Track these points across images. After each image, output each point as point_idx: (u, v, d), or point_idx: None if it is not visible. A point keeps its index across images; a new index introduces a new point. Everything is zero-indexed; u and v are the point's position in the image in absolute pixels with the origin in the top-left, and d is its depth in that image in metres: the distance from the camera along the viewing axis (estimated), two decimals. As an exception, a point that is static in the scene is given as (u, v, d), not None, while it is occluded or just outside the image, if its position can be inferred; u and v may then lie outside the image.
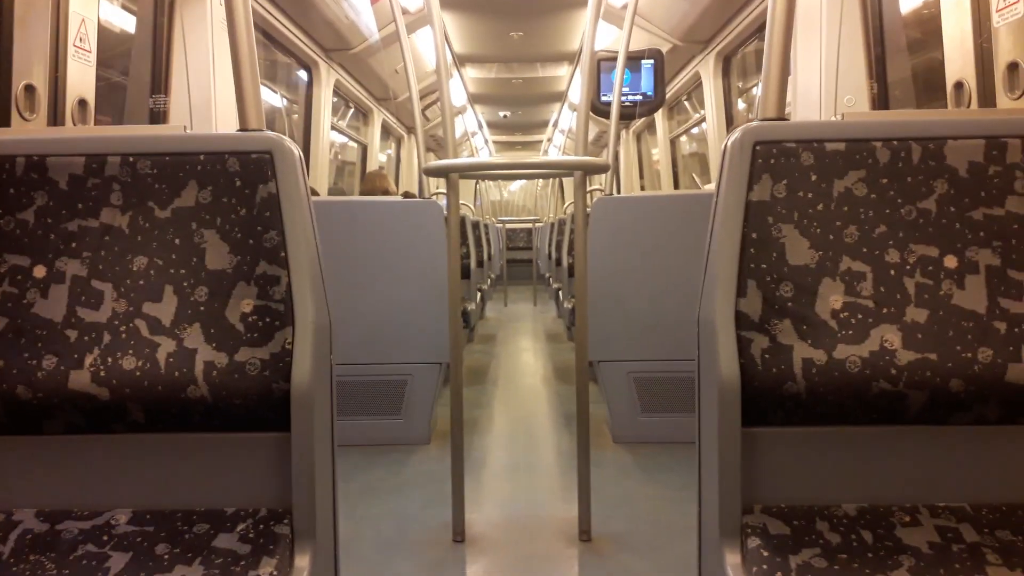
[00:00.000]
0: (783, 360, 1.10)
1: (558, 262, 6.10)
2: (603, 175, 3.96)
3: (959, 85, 2.39)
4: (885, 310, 1.11)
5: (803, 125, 1.19)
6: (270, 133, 1.17)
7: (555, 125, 10.32)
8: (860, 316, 1.10)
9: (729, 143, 1.16)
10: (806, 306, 1.11)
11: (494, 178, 8.15)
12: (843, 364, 1.09)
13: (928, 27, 2.85)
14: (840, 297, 1.11)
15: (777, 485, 1.15)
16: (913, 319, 1.10)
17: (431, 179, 3.56)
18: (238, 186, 1.13)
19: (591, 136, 9.24)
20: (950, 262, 1.11)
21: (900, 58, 2.95)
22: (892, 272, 1.12)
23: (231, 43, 1.19)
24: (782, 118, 1.20)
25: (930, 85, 2.90)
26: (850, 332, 1.10)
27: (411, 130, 8.80)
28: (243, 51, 1.19)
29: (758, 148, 1.15)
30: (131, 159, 1.14)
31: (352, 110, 6.70)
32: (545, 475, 2.71)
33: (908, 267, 1.12)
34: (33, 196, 1.13)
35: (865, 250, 1.13)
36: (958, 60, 2.42)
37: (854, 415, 1.11)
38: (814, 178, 1.14)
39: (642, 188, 8.39)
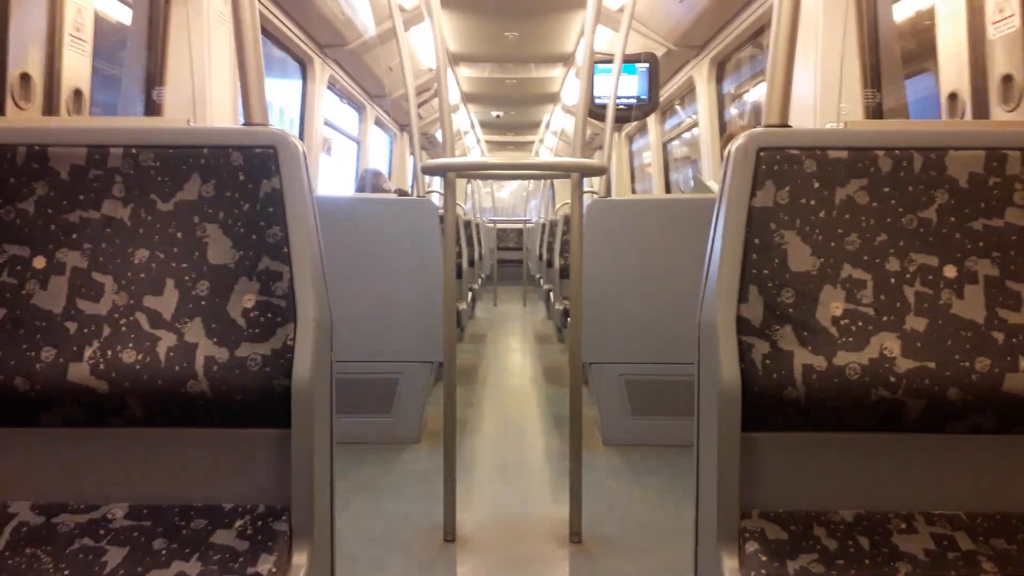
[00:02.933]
0: (784, 366, 1.10)
1: (549, 263, 6.10)
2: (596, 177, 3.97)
3: (953, 96, 2.41)
4: (885, 318, 1.12)
5: (807, 132, 1.19)
6: (275, 128, 1.16)
7: (547, 126, 10.32)
8: (860, 323, 1.11)
9: (733, 148, 1.17)
10: (807, 313, 1.12)
11: (492, 178, 8.15)
12: (843, 371, 1.10)
13: (923, 38, 2.88)
14: (841, 304, 1.12)
15: (775, 490, 1.15)
16: (912, 327, 1.11)
17: (424, 177, 3.56)
18: (241, 180, 1.13)
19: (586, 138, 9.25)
20: (950, 271, 1.12)
21: (895, 68, 2.98)
22: (892, 280, 1.13)
23: (236, 37, 1.19)
24: (786, 125, 1.21)
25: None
26: (850, 339, 1.11)
27: (404, 127, 8.77)
28: (248, 45, 1.19)
29: (762, 154, 1.16)
30: (134, 151, 1.13)
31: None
32: (535, 476, 2.71)
33: (908, 275, 1.13)
34: (34, 186, 1.12)
35: (866, 258, 1.13)
36: (953, 71, 2.45)
37: (853, 421, 1.12)
38: (816, 185, 1.15)
39: (633, 191, 8.41)
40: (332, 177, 6.69)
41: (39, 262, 1.11)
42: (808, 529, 1.09)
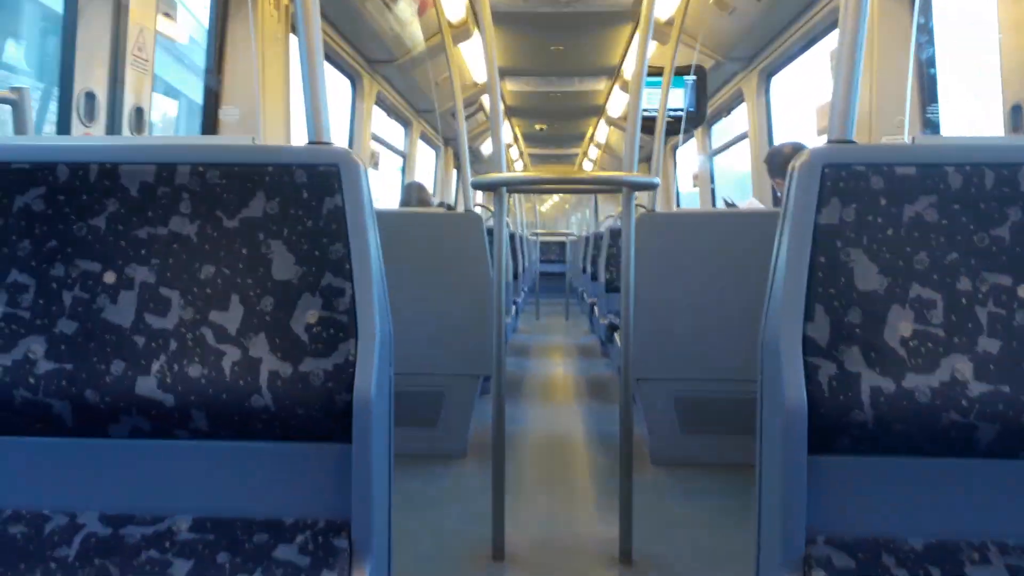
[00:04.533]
0: (851, 388, 1.07)
1: (593, 277, 6.08)
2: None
3: (1017, 108, 2.35)
4: (956, 339, 1.08)
5: (873, 148, 1.17)
6: (338, 147, 1.18)
7: (591, 139, 10.31)
8: (930, 345, 1.08)
9: (798, 165, 1.15)
10: (875, 333, 1.09)
11: (541, 192, 8.16)
12: (912, 394, 1.06)
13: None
14: (910, 325, 1.09)
15: (842, 516, 1.12)
16: (985, 349, 1.07)
17: (471, 190, 3.58)
18: (305, 198, 1.15)
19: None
20: (1023, 292, 1.08)
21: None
22: (963, 300, 1.09)
23: (302, 59, 1.21)
24: (850, 141, 1.18)
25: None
26: (920, 361, 1.08)
27: (448, 141, 8.84)
28: (313, 66, 1.21)
29: (827, 171, 1.14)
30: (200, 169, 1.16)
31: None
32: (583, 494, 2.69)
33: (980, 296, 1.09)
34: (105, 203, 1.15)
35: (936, 277, 1.10)
36: (1016, 82, 2.38)
37: (923, 446, 1.09)
38: (884, 202, 1.12)
39: (678, 204, 8.35)
40: (378, 190, 6.76)
41: (109, 277, 1.14)
42: (877, 557, 1.05)
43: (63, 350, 1.11)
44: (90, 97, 2.23)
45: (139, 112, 2.40)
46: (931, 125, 2.80)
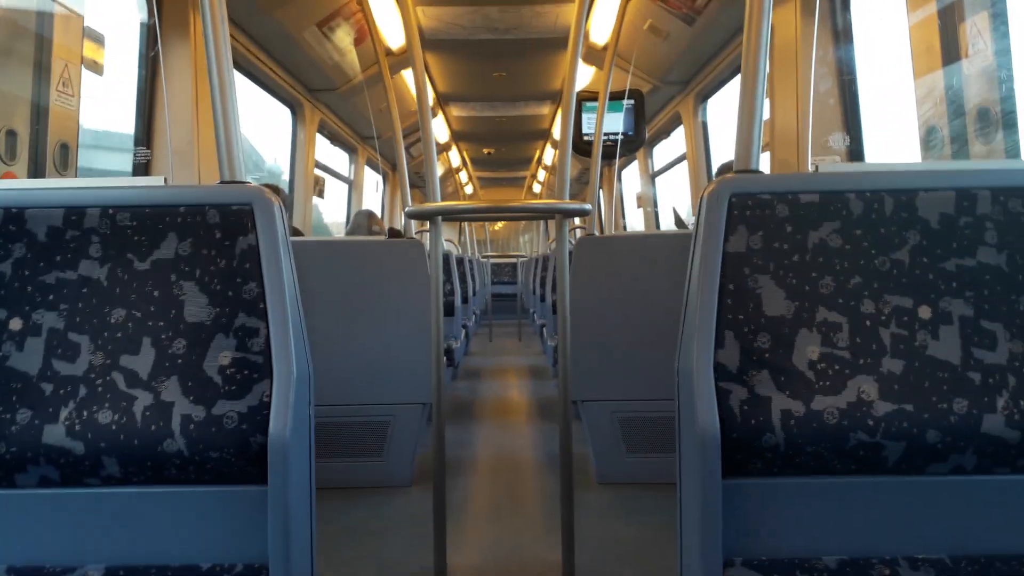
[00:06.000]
0: (761, 411, 1.10)
1: (542, 298, 6.11)
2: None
3: (932, 130, 2.44)
4: (861, 360, 1.12)
5: (777, 178, 1.21)
6: (251, 185, 1.17)
7: (538, 162, 10.40)
8: (837, 367, 1.12)
9: (706, 195, 1.18)
10: (783, 357, 1.12)
11: (476, 219, 8.18)
12: (821, 415, 1.09)
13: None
14: (817, 348, 1.12)
15: (758, 537, 1.14)
16: (889, 369, 1.11)
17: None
18: (218, 238, 1.14)
19: (574, 173, 9.33)
20: (924, 312, 1.13)
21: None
22: (867, 323, 1.13)
23: (212, 96, 1.20)
24: (756, 171, 1.22)
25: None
26: (827, 383, 1.11)
27: (395, 168, 8.84)
28: (224, 104, 1.21)
29: (734, 200, 1.17)
30: (111, 211, 1.14)
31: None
32: (528, 516, 2.68)
33: (883, 317, 1.13)
34: (11, 248, 1.13)
35: (841, 301, 1.14)
36: (929, 105, 2.48)
37: (833, 466, 1.12)
38: (789, 229, 1.16)
39: (624, 227, 8.45)
40: (328, 217, 6.73)
41: (15, 324, 1.11)
42: None
43: None
44: (11, 135, 2.18)
45: (64, 148, 2.35)
46: (852, 152, 2.90)
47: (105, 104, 2.81)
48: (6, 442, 1.07)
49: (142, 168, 2.89)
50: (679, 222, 3.93)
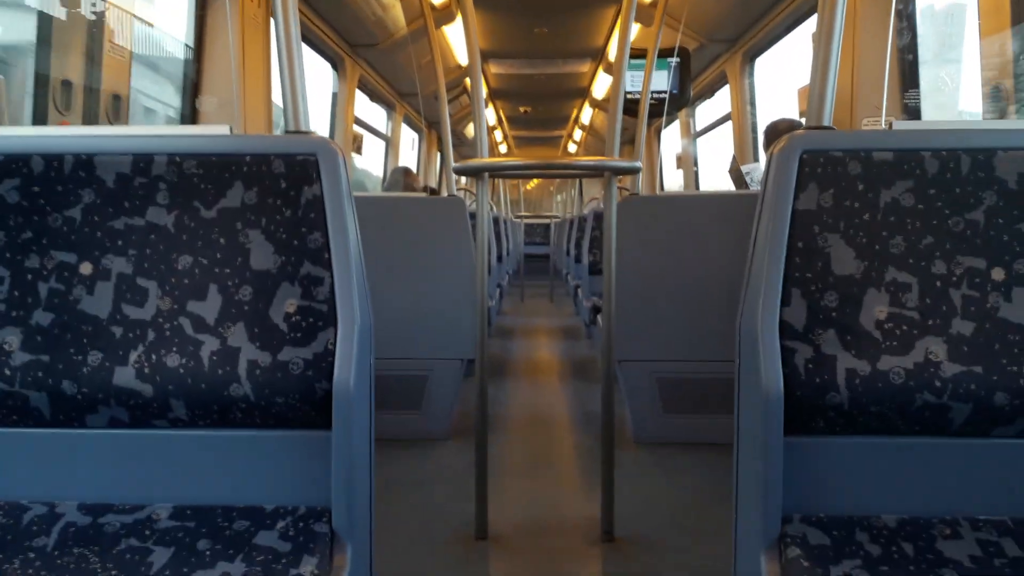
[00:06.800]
0: (827, 370, 1.09)
1: (577, 259, 6.09)
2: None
3: (996, 90, 2.36)
4: (930, 322, 1.10)
5: (851, 135, 1.18)
6: (316, 135, 1.17)
7: (575, 121, 10.27)
8: (905, 327, 1.10)
9: (776, 151, 1.16)
10: (850, 316, 1.10)
11: (523, 177, 8.12)
12: (887, 375, 1.08)
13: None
14: (885, 308, 1.10)
15: (817, 495, 1.14)
16: (959, 331, 1.09)
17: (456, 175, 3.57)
18: (283, 188, 1.14)
19: None
20: (997, 274, 1.10)
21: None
22: (938, 284, 1.11)
23: (278, 47, 1.20)
24: (829, 127, 1.19)
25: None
26: (894, 343, 1.09)
27: (431, 125, 8.80)
28: (291, 54, 1.20)
29: (805, 157, 1.14)
30: (178, 159, 1.15)
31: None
32: (566, 474, 2.71)
33: (954, 279, 1.11)
34: (81, 194, 1.14)
35: (911, 261, 1.12)
36: (994, 66, 2.40)
37: (897, 426, 1.11)
38: (861, 187, 1.13)
39: (662, 187, 8.35)
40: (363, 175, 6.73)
41: (86, 268, 1.13)
42: (851, 535, 1.07)
43: (39, 341, 1.10)
44: (66, 85, 2.20)
45: (117, 99, 2.37)
46: (910, 110, 2.81)
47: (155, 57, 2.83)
48: (78, 383, 1.09)
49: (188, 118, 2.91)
50: (739, 179, 3.83)
